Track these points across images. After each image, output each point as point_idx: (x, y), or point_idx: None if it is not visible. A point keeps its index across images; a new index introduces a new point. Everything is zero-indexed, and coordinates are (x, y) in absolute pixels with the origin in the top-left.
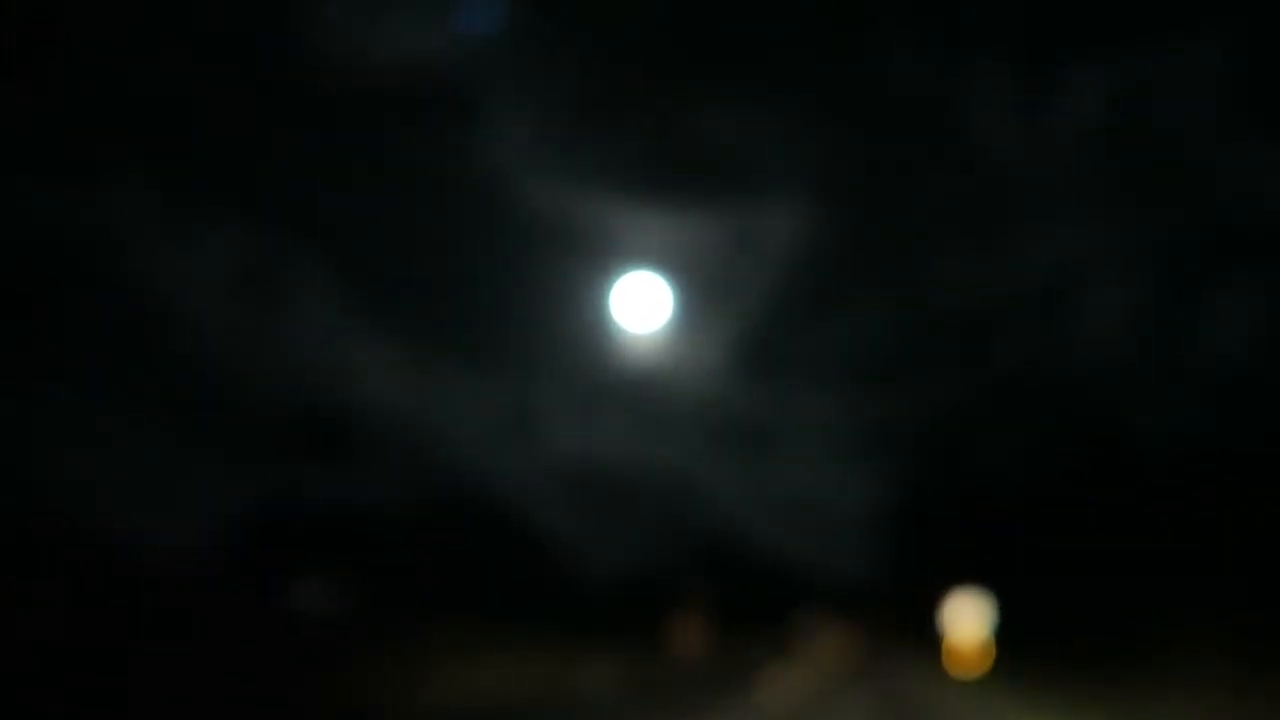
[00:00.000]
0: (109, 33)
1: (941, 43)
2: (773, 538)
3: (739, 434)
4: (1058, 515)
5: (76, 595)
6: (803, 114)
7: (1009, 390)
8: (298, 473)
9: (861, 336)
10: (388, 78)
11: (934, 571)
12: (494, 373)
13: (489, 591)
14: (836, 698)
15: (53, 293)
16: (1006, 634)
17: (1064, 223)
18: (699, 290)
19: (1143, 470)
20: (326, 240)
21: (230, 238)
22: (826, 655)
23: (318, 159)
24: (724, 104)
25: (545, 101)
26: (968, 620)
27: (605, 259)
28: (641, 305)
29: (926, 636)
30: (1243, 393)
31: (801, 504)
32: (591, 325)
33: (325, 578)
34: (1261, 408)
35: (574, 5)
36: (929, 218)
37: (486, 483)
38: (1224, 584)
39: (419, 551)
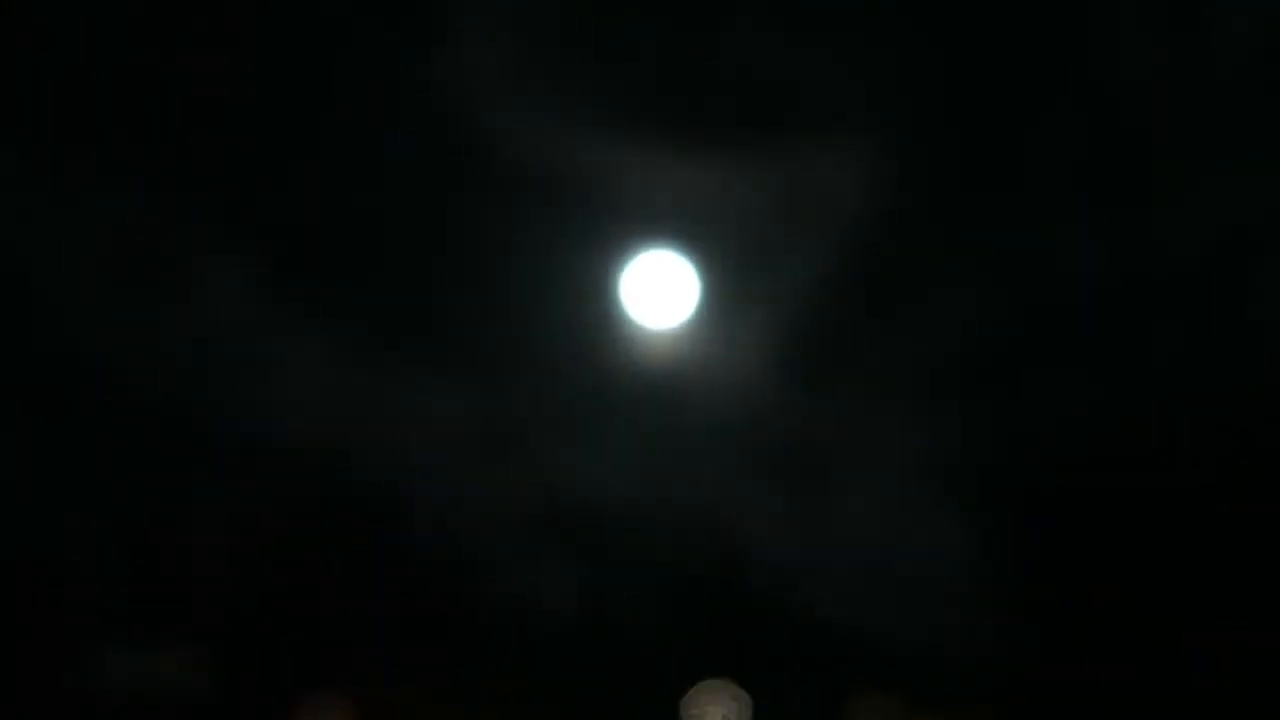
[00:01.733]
0: None
1: None
2: (832, 598)
3: (787, 462)
4: (1235, 571)
5: None
6: (873, 34)
7: (1154, 402)
8: (174, 492)
9: (953, 332)
10: None
11: (1062, 648)
12: (461, 376)
13: (437, 665)
14: None
15: None
16: None
17: (1227, 175)
18: (733, 272)
19: None
20: (239, 197)
21: (110, 193)
22: None
23: (226, 89)
24: (764, 18)
25: (530, 19)
26: None
27: (611, 230)
28: (659, 292)
29: None
30: None
31: (870, 553)
32: (593, 317)
33: (184, 637)
34: None
35: None
36: (1042, 173)
37: (446, 520)
38: None
39: (330, 611)
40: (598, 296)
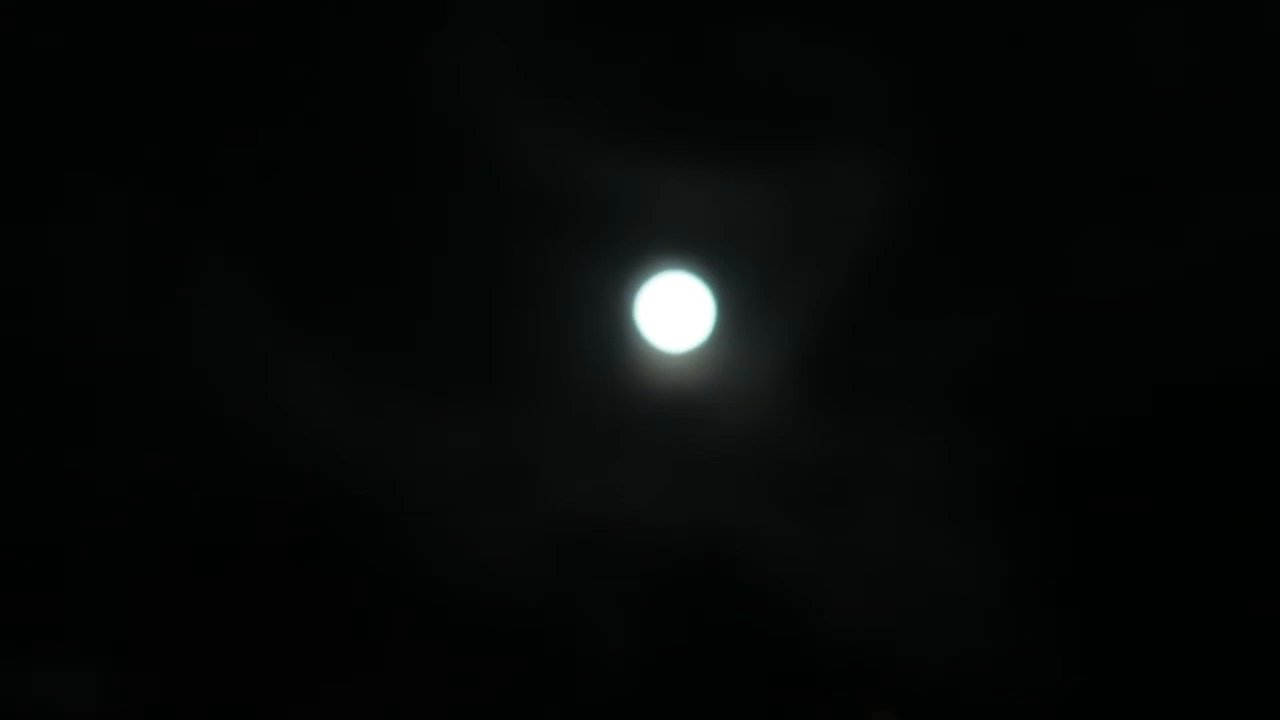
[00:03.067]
0: None
1: None
2: (860, 625)
3: (809, 484)
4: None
5: None
6: (894, 33)
7: (1184, 416)
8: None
9: (979, 347)
10: None
11: (1106, 675)
12: (466, 398)
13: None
14: None
15: None
16: None
17: (1258, 186)
18: (749, 290)
19: None
20: (234, 209)
21: (97, 201)
22: None
23: (221, 96)
24: (780, 17)
25: (530, 17)
26: None
27: (621, 247)
28: (672, 312)
29: None
30: None
31: (898, 579)
32: (604, 338)
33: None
34: None
35: None
36: (1067, 183)
37: (452, 551)
38: None
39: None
40: (608, 316)
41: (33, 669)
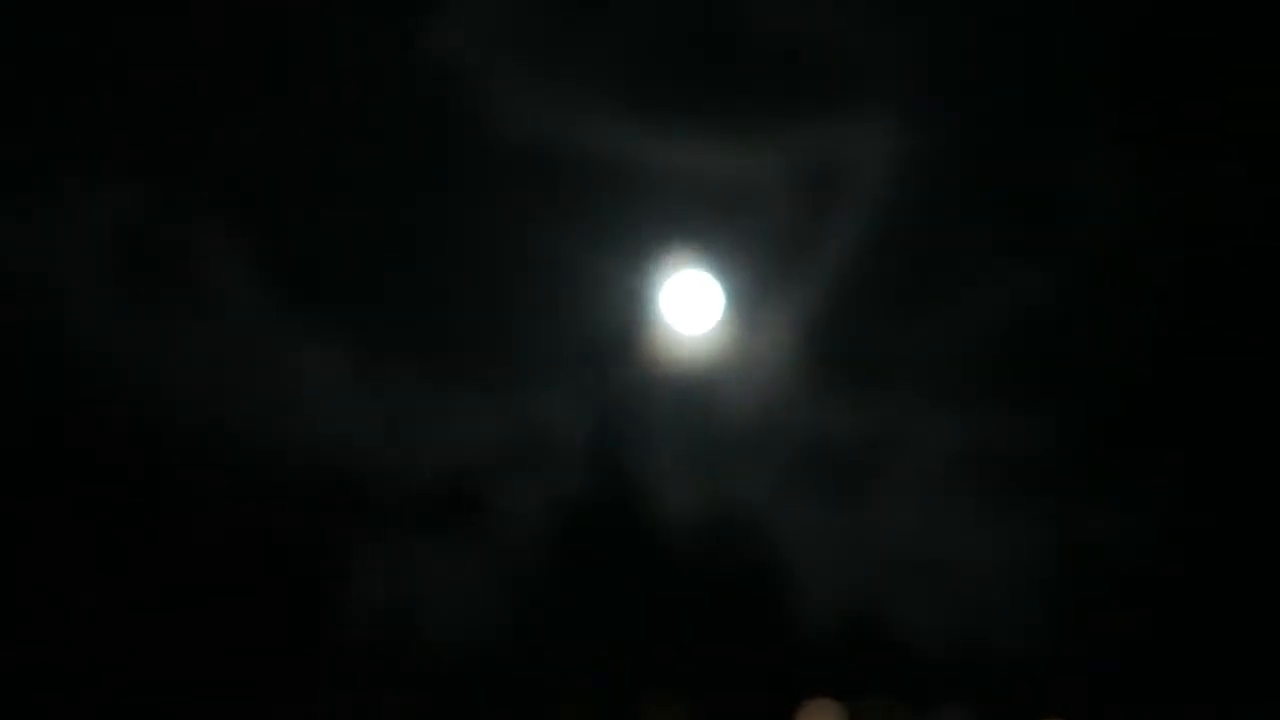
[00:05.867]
0: None
1: None
2: (883, 610)
3: (830, 466)
4: None
5: None
6: (901, 11)
7: (1201, 387)
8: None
9: (1004, 320)
10: None
11: (1142, 669)
12: (476, 383)
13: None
14: None
15: None
16: None
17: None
18: (764, 263)
19: None
20: (239, 194)
21: (100, 191)
22: None
23: (226, 80)
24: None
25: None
26: None
27: (633, 228)
28: (686, 293)
29: None
30: None
31: (921, 563)
32: (619, 321)
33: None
34: None
35: None
36: (1076, 155)
37: (467, 530)
38: None
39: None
40: (622, 299)
41: None
